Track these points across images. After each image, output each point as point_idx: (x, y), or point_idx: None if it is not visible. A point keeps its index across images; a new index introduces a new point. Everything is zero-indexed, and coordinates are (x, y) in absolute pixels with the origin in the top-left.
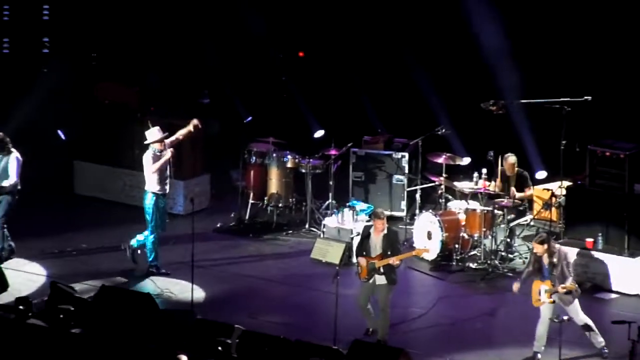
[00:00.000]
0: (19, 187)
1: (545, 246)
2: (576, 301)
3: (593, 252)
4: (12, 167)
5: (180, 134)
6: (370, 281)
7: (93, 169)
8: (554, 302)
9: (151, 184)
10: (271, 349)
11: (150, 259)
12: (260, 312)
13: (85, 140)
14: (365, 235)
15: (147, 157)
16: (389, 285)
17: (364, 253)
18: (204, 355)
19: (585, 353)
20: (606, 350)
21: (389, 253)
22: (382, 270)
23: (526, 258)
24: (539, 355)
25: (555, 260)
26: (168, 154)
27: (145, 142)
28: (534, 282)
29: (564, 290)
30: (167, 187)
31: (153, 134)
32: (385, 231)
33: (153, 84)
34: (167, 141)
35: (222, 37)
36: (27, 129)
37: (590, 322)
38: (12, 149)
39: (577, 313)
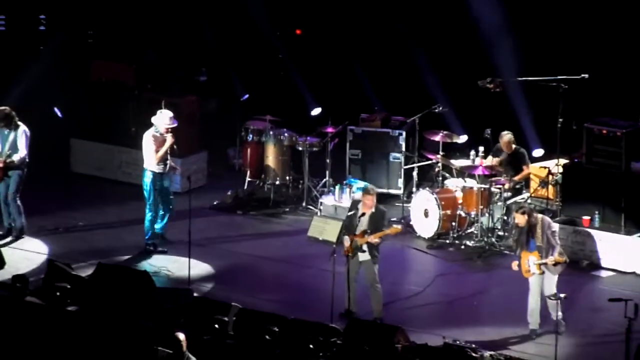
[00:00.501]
0: (27, 161)
1: (526, 216)
2: (557, 275)
3: (590, 230)
4: (21, 141)
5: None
6: (355, 258)
7: (90, 147)
8: (543, 273)
9: (150, 162)
10: (268, 327)
11: (148, 237)
12: (257, 289)
13: (82, 118)
14: (353, 210)
15: (147, 136)
16: (373, 263)
17: (352, 231)
18: (201, 333)
19: (544, 326)
20: (563, 329)
21: (369, 231)
22: (364, 247)
23: None
24: (537, 332)
25: (539, 230)
26: (170, 139)
27: (152, 119)
28: (522, 253)
29: (553, 262)
30: (167, 167)
31: (164, 118)
32: (373, 209)
33: (150, 62)
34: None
35: (219, 14)
36: (23, 106)
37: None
38: (20, 123)
39: (552, 283)
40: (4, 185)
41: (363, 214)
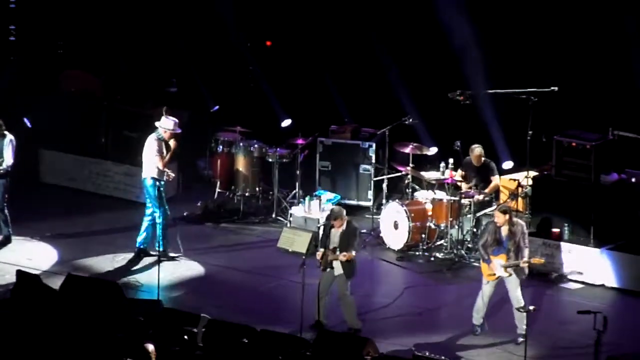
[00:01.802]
0: (9, 170)
1: (507, 216)
2: (519, 280)
3: (559, 242)
4: (7, 150)
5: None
6: (327, 270)
7: (59, 157)
8: (510, 275)
9: (151, 169)
10: (237, 338)
11: (161, 245)
12: (227, 301)
13: (51, 129)
14: (326, 223)
15: (151, 141)
16: (346, 278)
17: (323, 243)
18: (170, 344)
19: (513, 336)
20: (522, 339)
21: (339, 249)
22: (334, 264)
23: None
24: (479, 329)
25: (514, 233)
26: (174, 144)
27: (157, 124)
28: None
29: (526, 264)
30: (163, 174)
31: (169, 123)
32: (344, 227)
33: (120, 72)
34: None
35: (189, 25)
36: None
37: (523, 304)
38: (6, 132)
39: (517, 289)
40: None
41: (333, 226)
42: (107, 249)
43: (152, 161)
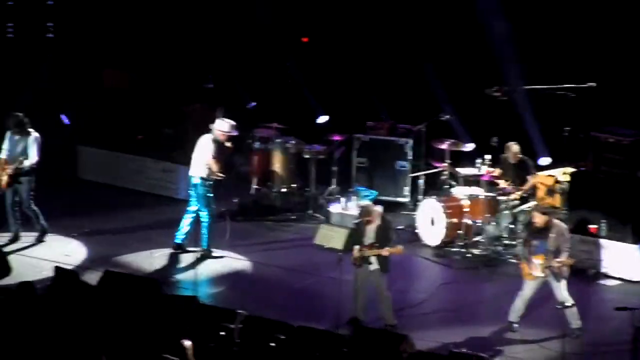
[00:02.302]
0: (35, 167)
1: (546, 217)
2: (564, 280)
3: (596, 239)
4: (32, 148)
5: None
6: (364, 267)
7: (96, 154)
8: (547, 276)
9: (201, 169)
10: (274, 334)
11: (206, 243)
12: (264, 297)
13: (90, 125)
14: (360, 220)
15: (205, 141)
16: (382, 272)
17: (359, 239)
18: (207, 341)
19: (551, 332)
20: (579, 332)
21: (377, 245)
22: (371, 259)
23: None
24: (516, 325)
25: (553, 234)
26: (229, 146)
27: (212, 127)
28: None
29: (560, 264)
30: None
31: (225, 125)
32: (379, 221)
33: (159, 68)
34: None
35: (226, 22)
36: (31, 113)
37: (570, 301)
38: (31, 130)
39: (561, 289)
40: (11, 192)
41: (375, 226)
42: (145, 245)
43: (203, 161)
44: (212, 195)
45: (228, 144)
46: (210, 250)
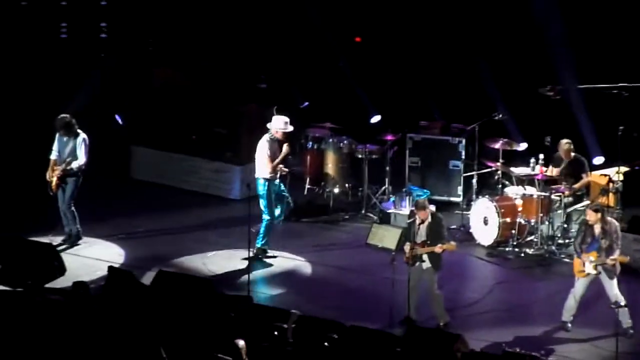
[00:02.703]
0: (84, 168)
1: (599, 215)
2: (616, 277)
3: None
4: (80, 149)
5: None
6: (417, 265)
7: (150, 154)
8: (599, 273)
9: (262, 170)
10: (327, 334)
11: (261, 242)
12: (317, 296)
13: (143, 125)
14: (412, 219)
15: (262, 143)
16: (435, 270)
17: (410, 238)
18: (261, 340)
19: (604, 332)
20: (631, 331)
21: (429, 242)
22: (424, 257)
23: None
24: (569, 325)
25: (606, 231)
26: (286, 148)
27: (268, 125)
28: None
29: (613, 262)
30: (277, 174)
31: (279, 122)
32: (430, 219)
33: (212, 68)
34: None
35: (280, 21)
36: (85, 113)
37: (622, 300)
38: (79, 131)
39: (613, 287)
40: (61, 193)
41: (422, 222)
42: (198, 246)
43: (262, 162)
44: (273, 195)
45: (286, 146)
46: (265, 250)
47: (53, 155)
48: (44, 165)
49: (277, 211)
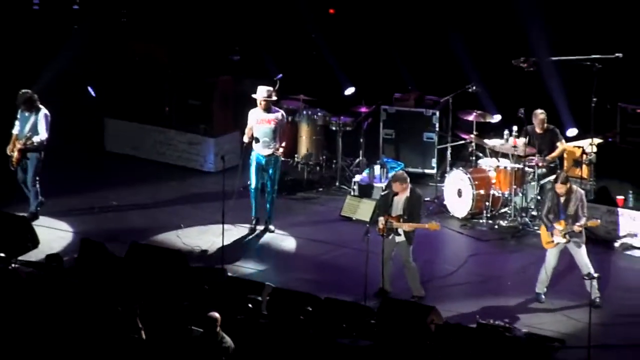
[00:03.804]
0: (45, 144)
1: (568, 185)
2: (583, 245)
3: (623, 210)
4: (41, 124)
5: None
6: (390, 237)
7: (124, 126)
8: (568, 242)
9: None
10: (301, 306)
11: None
12: (291, 269)
13: (116, 97)
14: (387, 191)
15: (250, 114)
16: (408, 244)
17: (385, 210)
18: (235, 313)
19: (577, 303)
20: (598, 301)
21: (406, 217)
22: (399, 231)
23: None
24: (543, 296)
25: (572, 200)
26: (254, 116)
27: (253, 96)
28: (543, 225)
29: (580, 228)
30: (263, 149)
31: (261, 91)
32: (408, 194)
33: (185, 40)
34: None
35: None
36: (57, 85)
37: (592, 270)
38: (41, 106)
39: (583, 256)
40: (21, 169)
41: (396, 194)
42: (172, 218)
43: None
44: (251, 165)
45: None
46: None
47: (15, 130)
48: (6, 141)
49: (253, 183)
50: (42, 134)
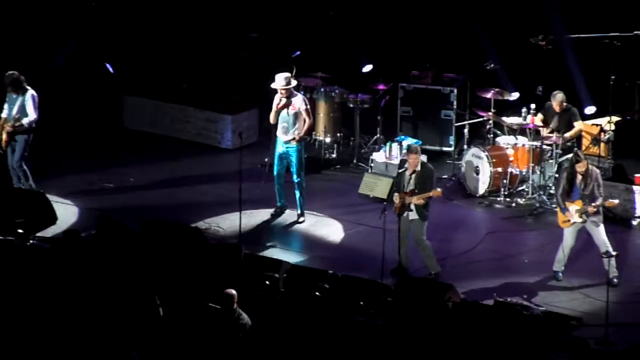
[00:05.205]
0: (34, 125)
1: (586, 163)
2: (601, 224)
3: None
4: (29, 105)
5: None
6: (405, 215)
7: (142, 103)
8: (584, 221)
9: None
10: (318, 284)
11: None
12: (308, 247)
13: (135, 75)
14: (402, 168)
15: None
16: (421, 221)
17: (400, 188)
18: (252, 290)
19: (595, 281)
20: (616, 281)
21: (417, 191)
22: (412, 207)
23: None
24: (560, 274)
25: (588, 179)
26: (276, 101)
27: (272, 86)
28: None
29: (595, 209)
30: (282, 135)
31: (279, 79)
32: (419, 167)
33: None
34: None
35: None
36: (76, 63)
37: (610, 249)
38: (28, 87)
39: (600, 235)
40: (10, 151)
41: (414, 172)
42: (189, 195)
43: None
44: (277, 152)
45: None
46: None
47: (3, 113)
48: None
49: (276, 168)
50: (31, 115)
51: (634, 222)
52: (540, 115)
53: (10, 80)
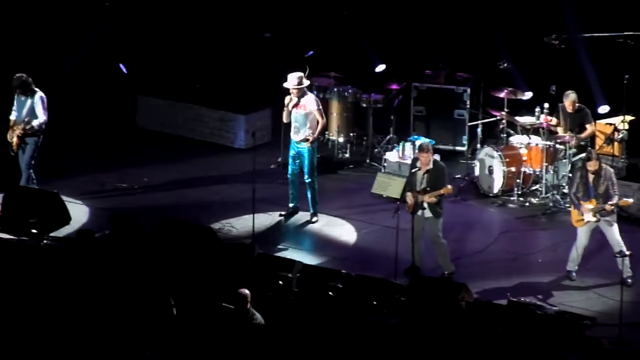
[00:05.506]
0: (44, 127)
1: (597, 161)
2: (615, 224)
3: None
4: (38, 107)
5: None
6: (419, 213)
7: (155, 103)
8: (598, 220)
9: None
10: (332, 283)
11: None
12: (321, 246)
13: (148, 74)
14: (414, 167)
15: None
16: (435, 219)
17: (412, 187)
18: (265, 290)
19: (608, 281)
20: (630, 281)
21: (429, 189)
22: (424, 205)
23: None
24: (574, 274)
25: (601, 179)
26: (287, 100)
27: (284, 85)
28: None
29: (612, 207)
30: (294, 135)
31: (291, 79)
32: (431, 166)
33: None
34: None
35: None
36: (89, 63)
37: (624, 248)
38: (36, 89)
39: (614, 234)
40: (22, 153)
41: (427, 171)
42: (201, 194)
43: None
44: (291, 152)
45: (290, 99)
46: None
47: (12, 116)
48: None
49: (290, 169)
50: (41, 117)
51: None
52: (554, 120)
53: (19, 83)
